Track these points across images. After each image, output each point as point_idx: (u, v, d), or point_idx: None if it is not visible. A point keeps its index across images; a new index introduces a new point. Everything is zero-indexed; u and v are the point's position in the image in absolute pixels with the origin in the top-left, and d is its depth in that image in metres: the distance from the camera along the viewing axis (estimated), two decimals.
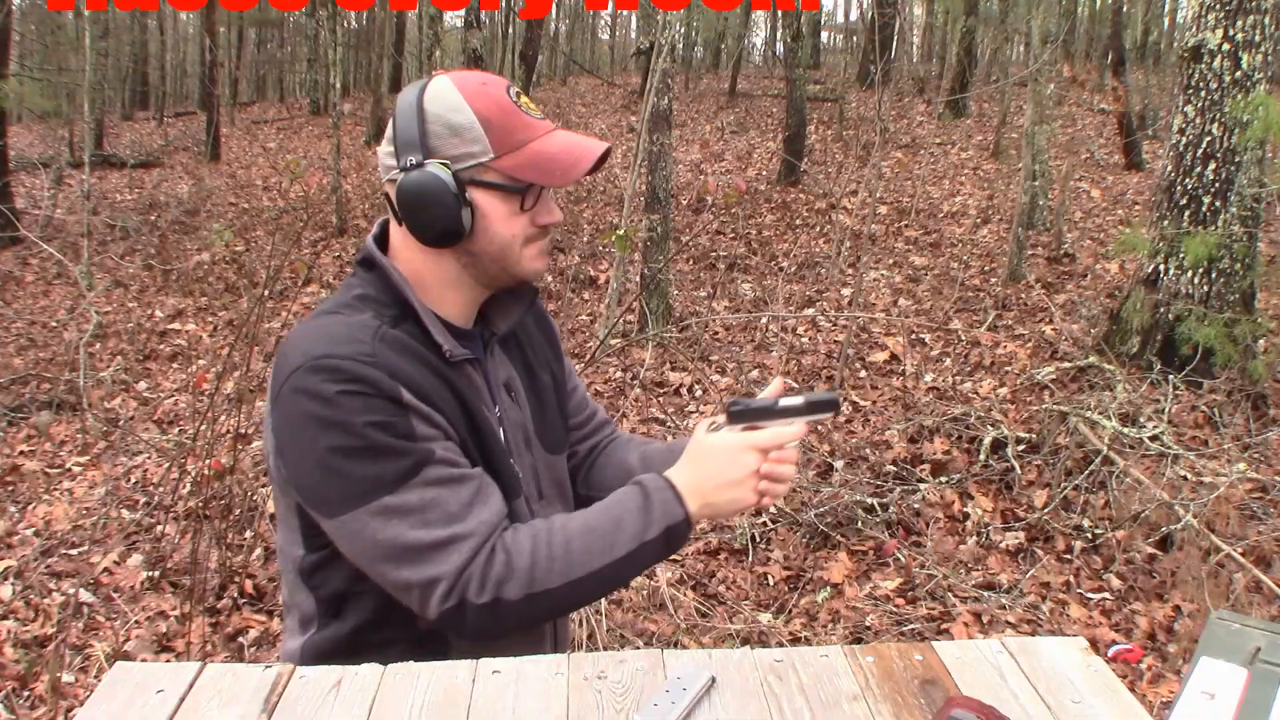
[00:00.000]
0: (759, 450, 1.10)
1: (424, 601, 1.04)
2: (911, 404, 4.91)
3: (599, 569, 1.07)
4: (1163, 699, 2.66)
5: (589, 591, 1.09)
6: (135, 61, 23.10)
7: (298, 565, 1.16)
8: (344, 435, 1.03)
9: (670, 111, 6.34)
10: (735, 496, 1.10)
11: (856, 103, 14.05)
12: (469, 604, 1.03)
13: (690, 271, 7.87)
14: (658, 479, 1.12)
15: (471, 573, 1.03)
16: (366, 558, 1.06)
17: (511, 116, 1.10)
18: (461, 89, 1.10)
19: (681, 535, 1.10)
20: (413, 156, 1.08)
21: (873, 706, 0.98)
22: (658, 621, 3.09)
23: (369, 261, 1.16)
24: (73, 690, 2.79)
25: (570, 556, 1.07)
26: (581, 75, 22.89)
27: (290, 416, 1.05)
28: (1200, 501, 3.47)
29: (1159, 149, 10.54)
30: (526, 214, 1.13)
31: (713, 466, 1.10)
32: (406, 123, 1.10)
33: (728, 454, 1.10)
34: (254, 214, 10.85)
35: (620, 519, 1.09)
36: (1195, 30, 4.83)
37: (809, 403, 1.10)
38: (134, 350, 6.54)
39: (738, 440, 1.10)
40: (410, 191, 1.08)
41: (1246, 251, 4.90)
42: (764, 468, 1.10)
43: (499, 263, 1.14)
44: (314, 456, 1.04)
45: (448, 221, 1.08)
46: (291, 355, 1.07)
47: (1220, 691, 0.88)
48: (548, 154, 1.11)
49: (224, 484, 3.52)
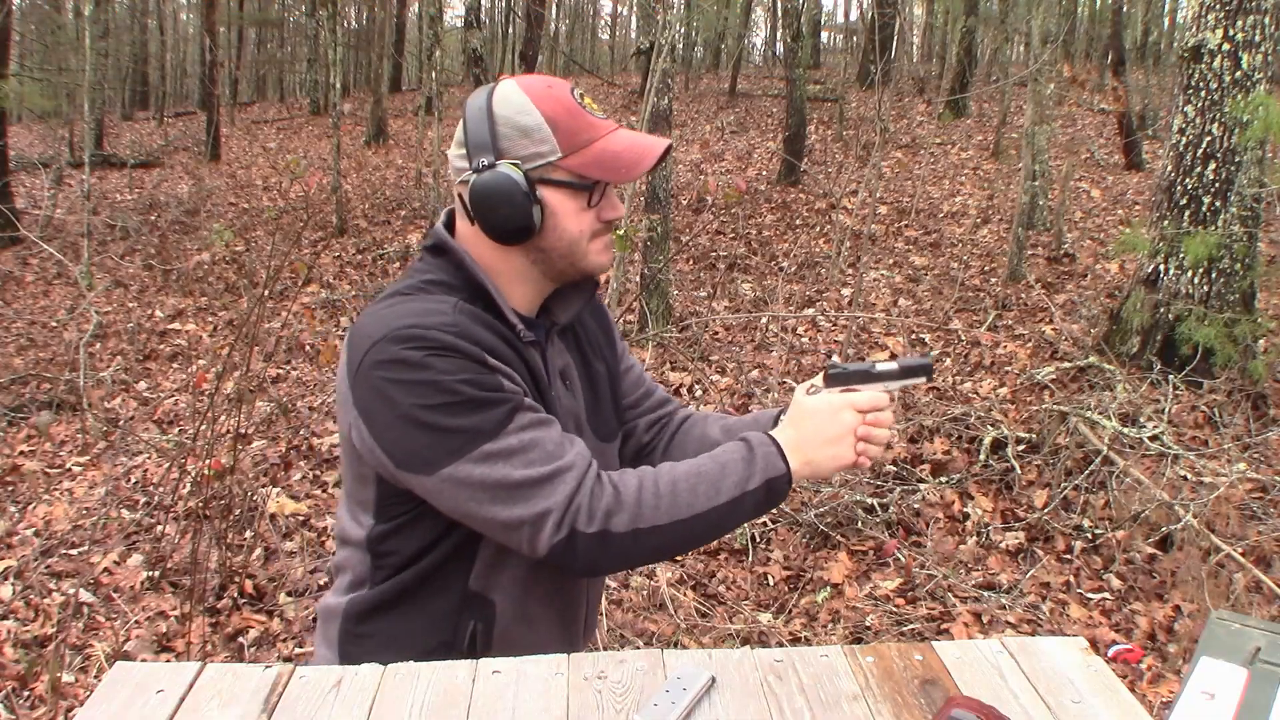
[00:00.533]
0: (857, 410, 1.14)
1: (535, 536, 1.07)
2: (911, 404, 4.92)
3: (702, 512, 1.10)
4: (1163, 699, 2.66)
5: (691, 534, 1.11)
6: (135, 61, 23.12)
7: (366, 536, 1.18)
8: (438, 393, 1.06)
9: (670, 111, 6.34)
10: (835, 454, 1.14)
11: (856, 103, 14.06)
12: (579, 534, 1.06)
13: (690, 271, 7.87)
14: (761, 435, 1.16)
15: (579, 503, 1.07)
16: (474, 503, 1.07)
17: (577, 117, 1.15)
18: (529, 92, 1.15)
19: (781, 490, 1.14)
20: (485, 158, 1.13)
21: (873, 706, 0.98)
22: (658, 621, 3.09)
23: (439, 247, 1.20)
24: (73, 690, 2.79)
25: (676, 497, 1.10)
26: (582, 75, 22.88)
27: (377, 386, 1.08)
28: (1200, 501, 3.47)
29: (1159, 149, 10.53)
30: (593, 210, 1.18)
31: (813, 426, 1.15)
32: (477, 125, 1.14)
33: (827, 413, 1.15)
34: (254, 214, 10.84)
35: (725, 465, 1.12)
36: (1195, 30, 4.83)
37: (904, 367, 1.16)
38: (134, 350, 6.54)
39: (837, 400, 1.15)
40: (484, 191, 1.12)
41: (1246, 251, 4.90)
42: (861, 429, 1.14)
43: (568, 258, 1.18)
44: (409, 418, 1.06)
45: (520, 219, 1.13)
46: (370, 330, 1.10)
47: (1220, 691, 0.88)
48: (612, 151, 1.15)
49: (224, 484, 3.52)
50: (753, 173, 11.84)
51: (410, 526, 1.15)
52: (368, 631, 1.20)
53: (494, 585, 1.19)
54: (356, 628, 1.21)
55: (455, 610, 1.18)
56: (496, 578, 1.19)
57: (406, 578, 1.17)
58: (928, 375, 1.17)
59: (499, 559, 1.18)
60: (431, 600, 1.18)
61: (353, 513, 1.20)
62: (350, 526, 1.20)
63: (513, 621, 1.21)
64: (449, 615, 1.18)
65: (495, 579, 1.18)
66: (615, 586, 3.30)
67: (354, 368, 1.10)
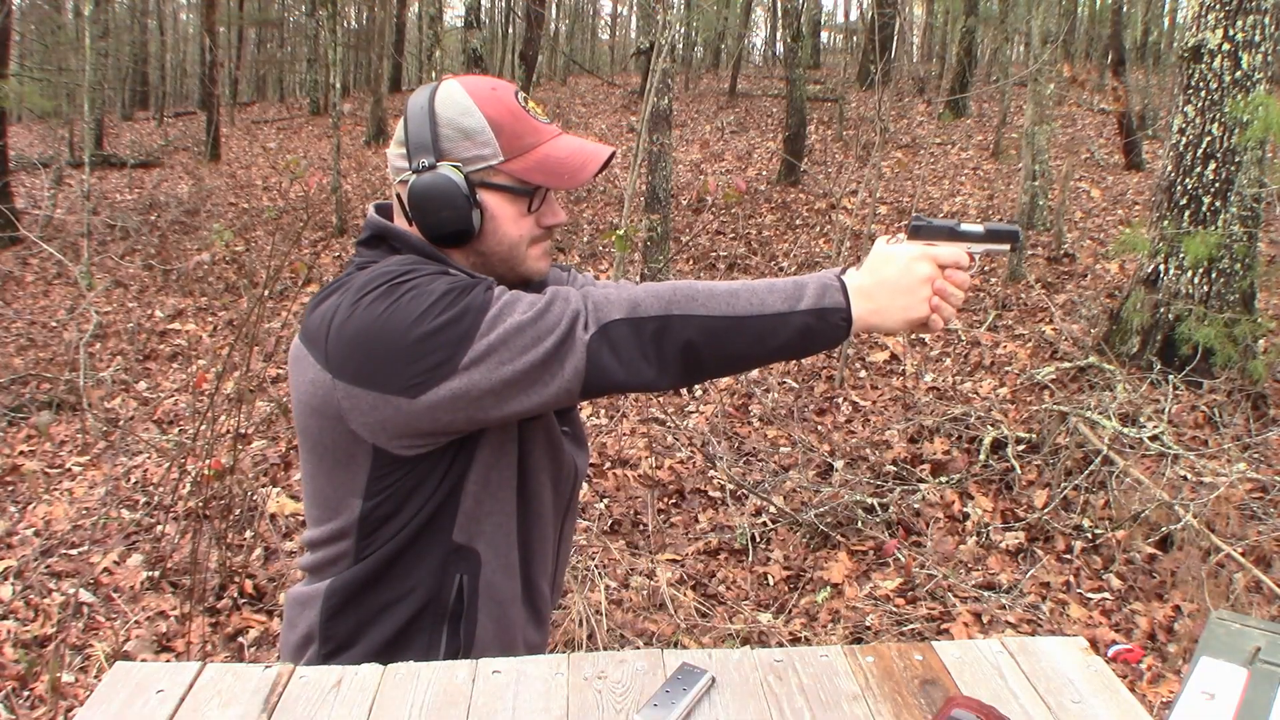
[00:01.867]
0: (937, 263, 1.10)
1: (569, 345, 1.03)
2: (911, 404, 4.92)
3: (743, 316, 1.06)
4: (1163, 699, 2.66)
5: (728, 338, 1.06)
6: (135, 61, 23.10)
7: (357, 518, 1.16)
8: (421, 299, 1.04)
9: (670, 111, 6.34)
10: (907, 304, 1.09)
11: (856, 102, 14.06)
12: (610, 325, 1.04)
13: (690, 271, 7.87)
14: (827, 272, 1.11)
15: (596, 300, 1.05)
16: (507, 365, 1.03)
17: (520, 121, 1.14)
18: (472, 93, 1.14)
19: (836, 326, 1.08)
20: (425, 159, 1.12)
21: (872, 706, 0.98)
22: (658, 621, 3.10)
23: (378, 236, 1.19)
24: (72, 690, 2.79)
25: (713, 298, 1.06)
26: (581, 75, 22.89)
27: (360, 340, 1.05)
28: (1200, 501, 3.47)
29: (1159, 149, 10.54)
30: (533, 215, 1.17)
31: (888, 270, 1.10)
32: (419, 126, 1.13)
33: (904, 261, 1.10)
34: (254, 214, 10.84)
35: (774, 286, 1.09)
36: (1195, 30, 4.83)
37: (990, 231, 1.13)
38: (134, 350, 6.54)
39: (915, 250, 1.11)
40: (423, 192, 1.11)
41: (1246, 251, 4.90)
42: (937, 284, 1.10)
43: (506, 262, 1.17)
44: (411, 335, 1.03)
45: (459, 222, 1.12)
46: (322, 315, 1.10)
47: (1220, 691, 0.88)
48: (555, 158, 1.14)
49: (224, 484, 3.52)
50: (753, 173, 11.85)
51: (404, 490, 1.13)
52: (353, 606, 1.18)
53: (478, 534, 1.17)
54: (341, 605, 1.18)
55: (441, 566, 1.16)
56: (479, 526, 1.17)
57: (392, 546, 1.15)
58: (1014, 243, 1.13)
59: (480, 506, 1.17)
60: (419, 560, 1.16)
61: (333, 509, 1.17)
62: (329, 525, 1.18)
63: (495, 571, 1.20)
64: (435, 572, 1.16)
65: (479, 528, 1.17)
66: (615, 586, 3.30)
67: (323, 349, 1.08)
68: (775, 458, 4.43)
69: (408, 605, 1.17)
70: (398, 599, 1.17)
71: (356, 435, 1.10)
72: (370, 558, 1.16)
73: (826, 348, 1.11)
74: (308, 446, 1.17)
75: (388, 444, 1.10)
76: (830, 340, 1.09)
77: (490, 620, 1.21)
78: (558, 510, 1.28)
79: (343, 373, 1.07)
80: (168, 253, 9.25)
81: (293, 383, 1.15)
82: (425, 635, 1.18)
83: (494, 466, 1.17)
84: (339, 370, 1.08)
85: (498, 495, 1.18)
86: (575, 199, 10.43)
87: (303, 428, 1.16)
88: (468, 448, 1.14)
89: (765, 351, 1.08)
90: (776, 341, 1.07)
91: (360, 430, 1.09)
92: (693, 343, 1.05)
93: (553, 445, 1.23)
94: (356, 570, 1.17)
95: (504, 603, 1.22)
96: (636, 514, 3.93)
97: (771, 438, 4.70)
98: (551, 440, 1.23)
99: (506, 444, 1.17)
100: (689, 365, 1.07)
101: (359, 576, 1.17)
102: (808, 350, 1.10)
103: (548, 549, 1.28)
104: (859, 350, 5.78)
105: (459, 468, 1.14)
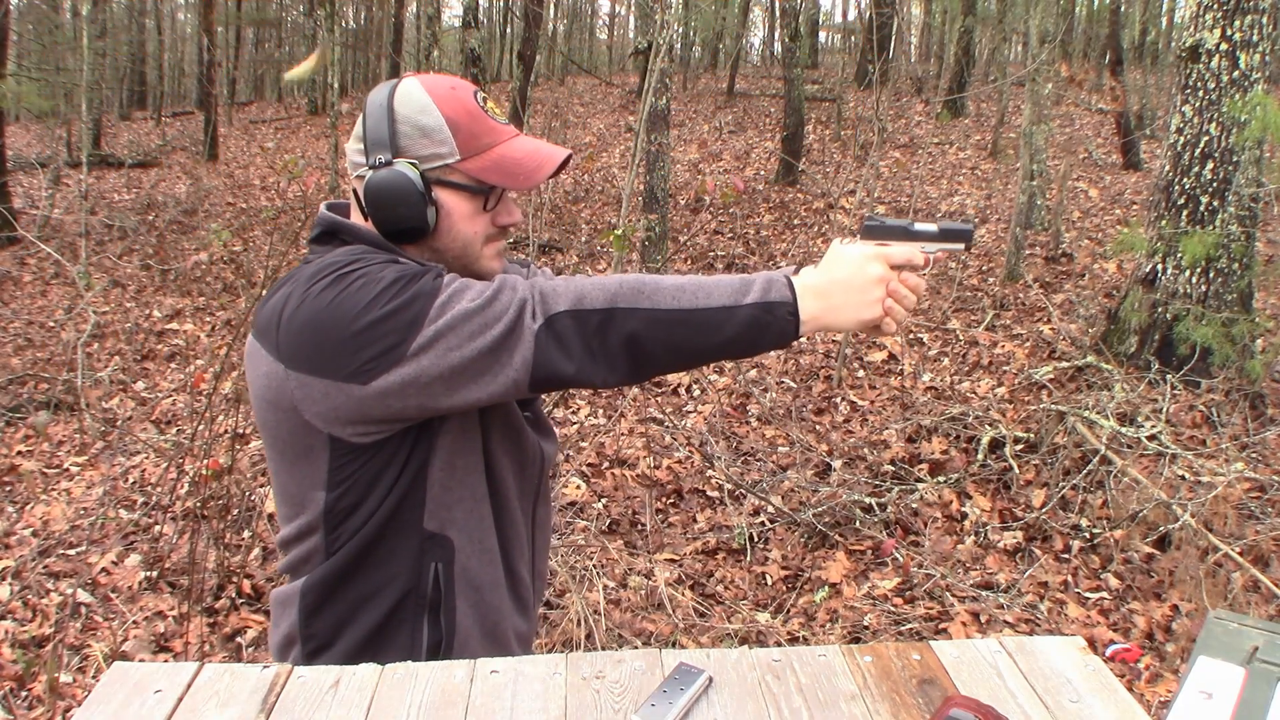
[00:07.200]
0: (889, 263, 1.10)
1: (518, 335, 1.04)
2: (909, 403, 4.92)
3: (687, 309, 1.06)
4: (1160, 698, 2.67)
5: (673, 330, 1.07)
6: (133, 61, 23.06)
7: (321, 512, 1.16)
8: (370, 286, 1.05)
9: (668, 111, 6.34)
10: (859, 303, 1.10)
11: (854, 102, 14.05)
12: (555, 317, 1.05)
13: (688, 271, 7.87)
14: (778, 271, 1.12)
15: (543, 290, 1.06)
16: (456, 350, 1.04)
17: (478, 120, 1.15)
18: (431, 92, 1.15)
19: (783, 319, 1.07)
20: (382, 155, 1.13)
21: (870, 706, 0.98)
22: (656, 621, 3.10)
23: (331, 232, 1.19)
24: (71, 690, 2.79)
25: (659, 291, 1.07)
26: (579, 75, 22.87)
27: (307, 329, 1.07)
28: (1198, 501, 3.47)
29: (1157, 149, 10.54)
30: (488, 214, 1.18)
31: (840, 270, 1.10)
32: (377, 122, 1.14)
33: (856, 260, 1.10)
34: (252, 214, 10.83)
35: (720, 281, 1.09)
36: (1193, 30, 4.83)
37: (943, 230, 1.12)
38: (132, 350, 6.53)
39: (868, 248, 1.11)
40: (378, 188, 1.12)
41: (1244, 251, 4.90)
42: (891, 284, 1.10)
43: (460, 260, 1.18)
44: (360, 322, 1.04)
45: (414, 219, 1.13)
46: (272, 307, 1.10)
47: (1218, 691, 0.88)
48: (512, 158, 1.16)
49: (222, 484, 3.52)
50: (750, 172, 11.85)
51: (366, 479, 1.13)
52: (330, 603, 1.18)
53: (449, 522, 1.18)
54: (318, 603, 1.18)
55: (416, 556, 1.17)
56: (450, 514, 1.18)
57: (362, 538, 1.15)
58: (966, 243, 1.12)
59: (448, 493, 1.17)
60: (392, 552, 1.16)
61: (299, 504, 1.17)
62: (298, 521, 1.18)
63: (471, 557, 1.20)
64: (411, 563, 1.17)
65: (449, 515, 1.18)
66: (613, 586, 3.30)
67: (275, 340, 1.09)
68: (773, 457, 4.43)
69: (386, 598, 1.17)
70: (374, 592, 1.17)
71: (312, 425, 1.10)
72: (341, 551, 1.16)
73: (777, 344, 1.10)
74: (269, 442, 1.17)
75: (342, 432, 1.10)
76: (779, 335, 1.09)
77: (469, 607, 1.21)
78: (525, 496, 1.28)
79: (294, 362, 1.08)
80: (165, 252, 9.24)
81: (249, 379, 1.16)
82: (407, 628, 1.18)
83: (458, 453, 1.17)
84: (290, 360, 1.08)
85: (465, 481, 1.18)
86: (573, 198, 10.43)
87: (262, 423, 1.16)
88: (428, 434, 1.14)
89: (712, 345, 1.08)
90: (722, 335, 1.07)
91: (314, 420, 1.10)
92: (637, 335, 1.06)
93: (513, 430, 1.24)
94: (329, 565, 1.17)
95: (482, 589, 1.22)
96: (634, 514, 3.93)
97: (769, 437, 4.70)
98: (510, 425, 1.23)
99: (469, 430, 1.18)
100: (635, 358, 1.08)
101: (332, 571, 1.17)
102: (758, 346, 1.10)
103: (521, 534, 1.29)
104: (857, 350, 5.78)
105: (420, 454, 1.14)
